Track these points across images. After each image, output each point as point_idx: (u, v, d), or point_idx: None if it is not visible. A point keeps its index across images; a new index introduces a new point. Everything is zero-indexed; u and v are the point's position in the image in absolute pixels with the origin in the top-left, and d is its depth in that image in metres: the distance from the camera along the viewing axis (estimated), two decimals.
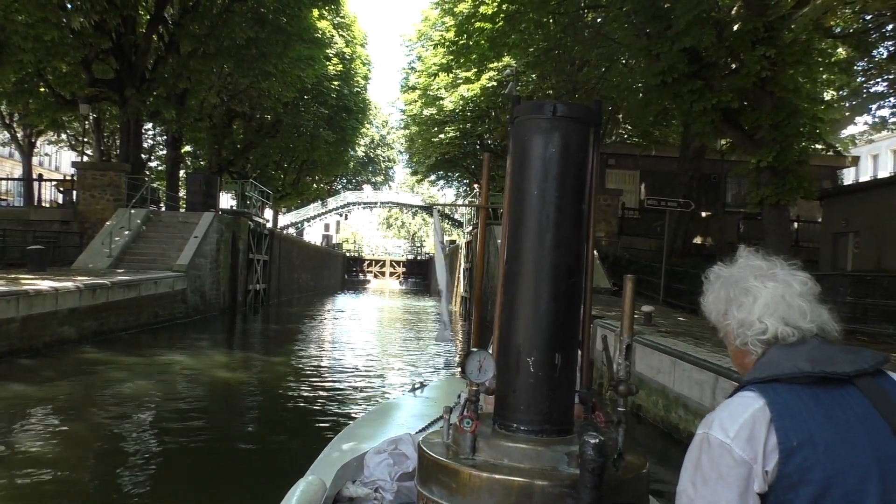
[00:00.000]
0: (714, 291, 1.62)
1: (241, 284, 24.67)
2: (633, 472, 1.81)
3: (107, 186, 22.50)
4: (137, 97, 23.89)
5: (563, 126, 1.87)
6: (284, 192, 46.56)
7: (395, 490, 2.75)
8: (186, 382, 11.22)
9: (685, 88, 14.43)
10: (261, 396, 11.14)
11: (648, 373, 9.10)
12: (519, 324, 1.89)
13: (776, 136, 14.17)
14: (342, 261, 66.37)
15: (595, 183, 2.04)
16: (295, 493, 2.64)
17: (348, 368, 14.40)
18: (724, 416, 1.42)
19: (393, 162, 76.59)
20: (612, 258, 21.99)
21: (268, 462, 7.24)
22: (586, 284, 2.02)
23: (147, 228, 21.58)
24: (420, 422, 3.72)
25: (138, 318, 16.02)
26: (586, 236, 1.96)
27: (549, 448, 1.80)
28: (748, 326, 1.52)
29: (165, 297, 17.67)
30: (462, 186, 58.64)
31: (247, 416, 9.75)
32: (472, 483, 1.74)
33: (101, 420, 8.47)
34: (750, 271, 1.58)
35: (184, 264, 19.25)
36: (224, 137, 37.53)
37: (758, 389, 1.42)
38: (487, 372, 1.94)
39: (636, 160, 25.28)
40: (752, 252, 1.64)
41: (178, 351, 14.02)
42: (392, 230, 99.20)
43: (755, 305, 1.52)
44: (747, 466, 1.37)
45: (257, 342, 19.39)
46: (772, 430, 1.36)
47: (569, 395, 1.91)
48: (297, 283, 38.25)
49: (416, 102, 42.58)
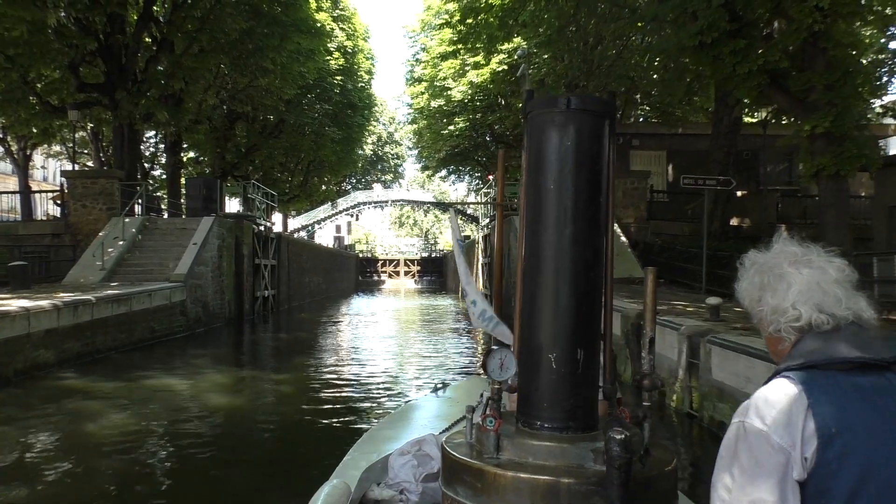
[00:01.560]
0: (748, 277, 1.59)
1: (247, 292, 23.24)
2: (660, 467, 1.78)
3: (98, 195, 21.12)
4: (129, 100, 22.50)
5: (578, 119, 1.86)
6: (292, 195, 45.18)
7: (420, 491, 2.77)
8: (178, 406, 9.74)
9: (727, 49, 12.83)
10: (278, 405, 10.38)
11: (733, 382, 7.38)
12: (540, 320, 1.88)
13: (832, 99, 12.58)
14: (355, 262, 64.93)
15: (613, 175, 1.99)
16: (320, 497, 2.63)
17: (367, 372, 13.24)
18: (761, 403, 1.40)
19: (402, 159, 75.26)
20: (643, 245, 20.40)
21: (291, 467, 7.09)
22: (607, 278, 1.96)
23: (143, 237, 20.18)
24: (443, 422, 3.73)
25: (130, 335, 14.60)
26: (605, 229, 1.90)
27: (574, 445, 1.77)
28: (781, 313, 1.51)
29: (162, 311, 16.24)
30: (474, 180, 57.27)
31: (264, 426, 9.20)
32: (498, 482, 1.72)
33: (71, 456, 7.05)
34: (785, 257, 1.55)
35: (182, 273, 17.83)
36: (226, 140, 36.19)
37: (794, 376, 1.40)
38: (509, 370, 1.93)
39: (662, 140, 23.65)
40: (788, 237, 1.60)
41: (171, 370, 12.56)
42: (404, 229, 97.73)
43: (789, 292, 1.50)
44: (786, 454, 1.34)
45: (265, 352, 17.92)
46: (809, 416, 1.34)
47: (592, 392, 1.89)
48: (308, 288, 36.83)
49: (423, 95, 41.23)
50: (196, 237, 19.50)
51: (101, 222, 20.51)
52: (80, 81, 22.82)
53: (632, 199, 21.42)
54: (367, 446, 3.77)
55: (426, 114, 42.63)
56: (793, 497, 1.36)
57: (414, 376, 13.21)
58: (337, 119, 40.72)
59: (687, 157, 23.26)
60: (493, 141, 43.22)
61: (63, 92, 23.60)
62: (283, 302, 29.38)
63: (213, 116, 33.27)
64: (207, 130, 33.62)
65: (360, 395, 11.05)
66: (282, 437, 8.46)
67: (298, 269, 34.09)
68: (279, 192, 42.11)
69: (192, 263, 18.38)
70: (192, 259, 18.50)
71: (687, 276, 17.53)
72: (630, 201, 21.40)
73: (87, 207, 21.03)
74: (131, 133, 24.61)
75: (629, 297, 13.40)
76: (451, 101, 38.09)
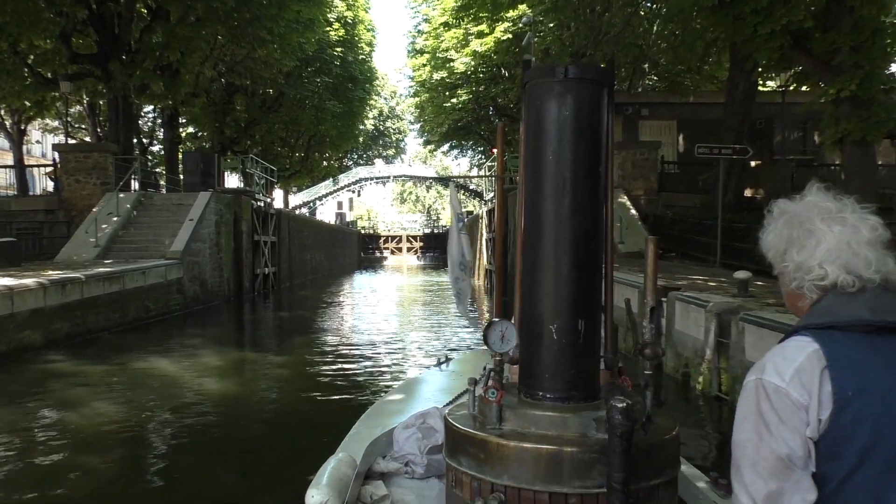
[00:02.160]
0: (776, 229, 1.53)
1: (247, 269, 22.68)
2: (662, 435, 1.78)
3: (92, 170, 20.48)
4: (122, 71, 21.79)
5: (576, 88, 1.83)
6: (293, 171, 44.50)
7: (425, 463, 2.86)
8: (172, 390, 9.21)
9: (747, 8, 12.12)
10: (278, 384, 10.13)
11: None
12: (540, 292, 1.87)
13: (858, 60, 11.89)
14: (357, 238, 64.31)
15: (612, 144, 1.96)
16: (326, 470, 2.64)
17: (369, 351, 12.82)
18: (778, 359, 1.38)
19: (404, 134, 74.32)
20: (653, 217, 19.75)
21: (297, 441, 7.01)
22: (607, 248, 1.96)
23: (138, 213, 19.59)
24: (447, 395, 3.82)
25: (124, 314, 14.06)
26: (605, 199, 1.89)
27: (576, 415, 1.78)
28: (807, 271, 1.46)
29: (157, 289, 15.69)
30: (476, 155, 56.47)
31: (265, 407, 8.92)
32: (501, 452, 1.72)
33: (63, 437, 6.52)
34: (818, 212, 1.47)
35: (178, 250, 17.26)
36: (225, 115, 35.48)
37: (812, 335, 1.38)
38: (510, 341, 1.92)
39: (672, 109, 22.89)
40: (821, 190, 1.51)
41: (166, 352, 12.01)
42: (407, 205, 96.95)
43: (817, 250, 1.44)
44: (805, 410, 1.33)
45: (265, 331, 17.42)
46: (826, 378, 1.32)
47: (594, 361, 1.90)
48: (310, 265, 36.28)
49: (425, 67, 40.35)
50: (193, 213, 18.91)
51: (96, 198, 19.90)
52: (72, 52, 22.12)
53: (642, 171, 20.74)
54: (371, 420, 3.76)
55: (428, 87, 41.78)
56: (812, 453, 1.34)
57: (417, 351, 12.91)
58: (337, 93, 39.90)
59: (698, 127, 22.51)
60: (495, 114, 42.44)
61: (55, 63, 22.87)
62: (284, 279, 28.85)
63: (211, 89, 32.52)
64: (205, 104, 32.89)
65: (363, 372, 10.77)
66: (282, 419, 8.17)
67: (299, 246, 33.52)
68: (279, 167, 41.43)
69: (188, 240, 17.80)
70: (188, 235, 17.92)
71: (700, 250, 16.92)
72: (640, 173, 20.72)
73: (80, 182, 20.41)
74: (126, 106, 23.96)
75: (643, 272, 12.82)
76: (454, 74, 37.29)
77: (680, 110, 22.83)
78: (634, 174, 20.71)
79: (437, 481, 2.83)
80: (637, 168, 20.71)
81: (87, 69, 22.84)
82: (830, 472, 1.33)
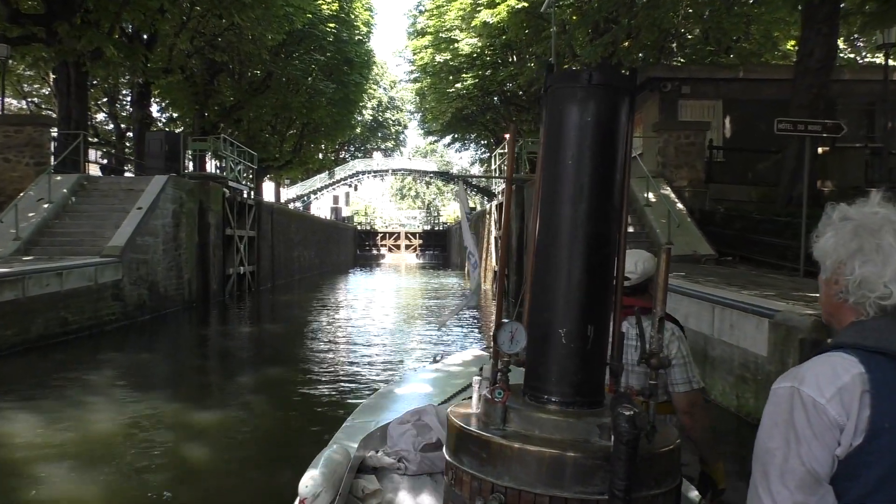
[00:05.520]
0: (840, 235, 1.46)
1: (214, 268, 19.20)
2: (665, 445, 1.79)
3: (25, 146, 16.99)
4: (71, 33, 18.34)
5: (600, 94, 1.84)
6: (284, 161, 40.98)
7: (418, 460, 2.89)
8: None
9: None
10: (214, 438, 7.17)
11: None
12: (551, 295, 1.88)
13: None
14: (353, 235, 60.79)
15: (630, 151, 1.92)
16: (319, 463, 2.69)
17: (358, 378, 9.34)
18: (821, 374, 1.35)
19: (403, 126, 70.86)
20: (699, 213, 16.32)
21: (290, 434, 7.02)
22: (619, 255, 1.97)
23: (78, 200, 16.12)
24: (442, 393, 3.95)
25: (24, 329, 10.60)
26: (621, 206, 1.92)
27: (580, 420, 1.79)
28: (871, 288, 1.39)
29: (81, 295, 12.23)
30: (479, 149, 53.13)
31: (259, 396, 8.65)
32: (504, 453, 1.73)
33: None
34: (890, 227, 1.41)
35: (117, 246, 13.82)
36: (207, 97, 31.97)
37: (859, 357, 1.34)
38: (519, 343, 1.93)
39: (718, 87, 19.41)
40: (887, 201, 1.45)
41: (49, 389, 8.56)
42: (406, 201, 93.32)
43: (886, 268, 1.38)
44: (839, 430, 1.32)
45: (221, 348, 13.91)
46: (865, 404, 1.30)
47: (600, 368, 1.92)
48: (297, 263, 32.82)
49: (427, 49, 37.03)
50: (142, 201, 15.44)
51: (29, 180, 16.46)
52: (12, 10, 18.66)
53: (686, 158, 17.29)
54: (365, 414, 3.79)
55: (430, 71, 38.57)
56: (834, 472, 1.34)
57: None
58: (332, 76, 36.53)
59: (748, 108, 19.07)
60: (503, 102, 39.09)
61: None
62: (265, 280, 25.39)
63: (188, 66, 29.05)
64: (182, 83, 29.49)
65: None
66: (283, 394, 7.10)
67: (285, 242, 30.07)
68: (268, 157, 38.04)
69: (133, 233, 14.35)
70: (133, 228, 14.46)
71: (769, 253, 13.54)
72: (684, 160, 17.28)
73: (10, 162, 16.92)
74: (79, 76, 20.50)
75: (711, 282, 9.55)
76: (459, 55, 34.14)
77: (727, 88, 19.34)
78: (678, 161, 17.28)
79: (429, 479, 2.88)
80: (681, 154, 17.28)
81: (31, 32, 19.37)
82: (844, 491, 1.32)
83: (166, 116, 38.47)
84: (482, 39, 32.10)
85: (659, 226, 15.07)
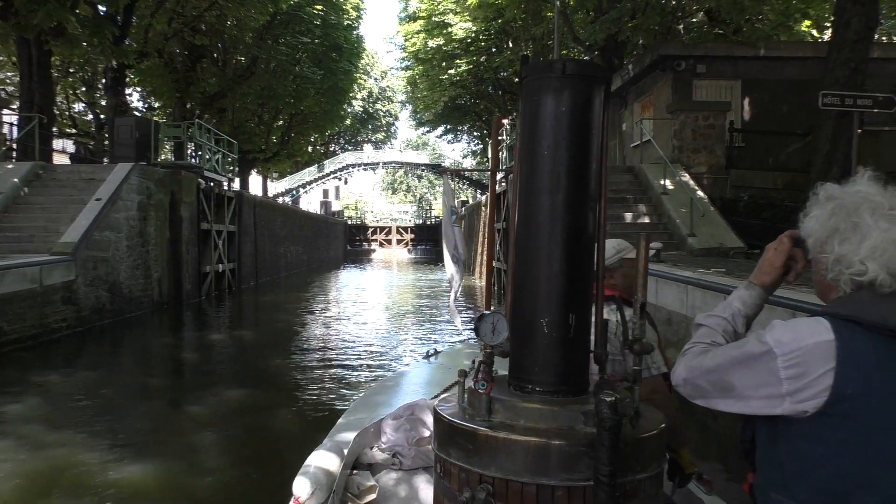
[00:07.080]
0: (821, 215, 1.47)
1: (188, 266, 17.55)
2: (649, 429, 1.77)
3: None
4: (27, 6, 16.64)
5: (574, 84, 1.83)
6: (271, 153, 39.26)
7: (412, 455, 2.88)
8: None
9: None
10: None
11: None
12: (532, 285, 1.87)
13: None
14: (343, 229, 59.04)
15: (607, 140, 1.92)
16: (314, 460, 2.66)
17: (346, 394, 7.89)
18: (789, 331, 1.37)
19: (395, 117, 69.10)
20: (721, 202, 14.80)
21: (284, 431, 7.00)
22: (599, 243, 1.95)
23: (31, 191, 14.44)
24: (435, 388, 3.86)
25: None
26: (599, 195, 1.91)
27: (564, 408, 1.77)
28: (847, 265, 1.41)
29: (23, 300, 10.58)
30: (472, 140, 51.52)
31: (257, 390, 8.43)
32: (489, 444, 1.71)
33: None
34: (868, 206, 1.40)
35: (70, 242, 12.20)
36: (188, 84, 30.18)
37: (833, 323, 1.35)
38: (501, 333, 1.90)
39: (736, 66, 17.85)
40: (873, 180, 1.45)
41: None
42: (398, 195, 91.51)
43: (861, 246, 1.39)
44: (782, 387, 1.34)
45: (191, 358, 12.33)
46: (829, 374, 1.31)
47: (583, 356, 1.90)
48: (283, 260, 31.17)
49: (419, 35, 35.35)
50: (101, 191, 13.78)
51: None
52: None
53: (705, 142, 15.76)
54: (359, 411, 3.74)
55: (422, 57, 36.92)
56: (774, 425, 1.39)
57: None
58: (320, 63, 34.84)
59: (770, 89, 17.54)
60: (497, 90, 37.53)
61: None
62: (247, 278, 23.75)
63: (167, 49, 27.28)
64: (161, 67, 27.76)
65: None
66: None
67: (270, 238, 28.41)
68: (255, 149, 36.34)
69: (89, 227, 12.70)
70: (89, 221, 12.82)
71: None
72: (702, 144, 15.74)
73: None
74: (41, 55, 18.82)
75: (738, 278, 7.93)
76: (452, 40, 32.60)
77: (746, 67, 17.79)
78: (695, 146, 15.75)
79: (424, 473, 2.84)
80: (699, 137, 15.74)
81: None
82: (807, 452, 1.35)
83: (146, 106, 36.72)
84: (477, 23, 30.58)
85: (679, 216, 13.57)
